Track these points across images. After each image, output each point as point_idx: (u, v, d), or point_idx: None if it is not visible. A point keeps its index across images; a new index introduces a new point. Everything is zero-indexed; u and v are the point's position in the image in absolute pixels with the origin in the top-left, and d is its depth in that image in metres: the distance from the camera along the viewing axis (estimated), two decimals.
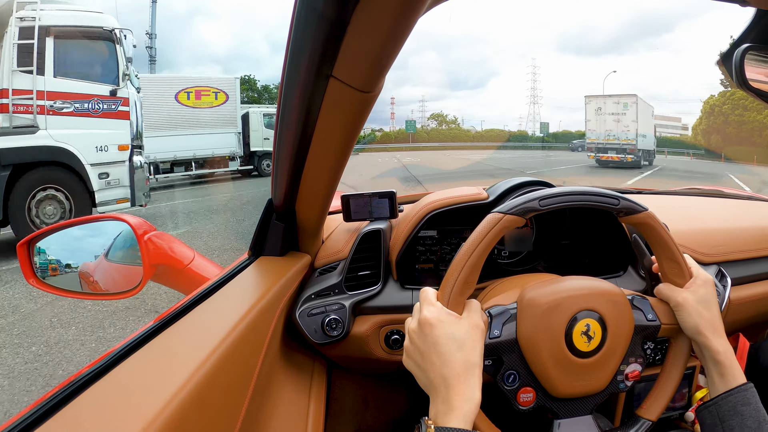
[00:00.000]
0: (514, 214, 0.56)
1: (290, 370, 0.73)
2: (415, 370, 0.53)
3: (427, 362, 0.51)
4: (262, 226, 0.75)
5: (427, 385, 0.52)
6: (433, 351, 0.51)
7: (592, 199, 0.59)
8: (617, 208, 0.59)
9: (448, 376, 0.50)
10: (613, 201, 0.59)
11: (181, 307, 0.54)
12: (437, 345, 0.51)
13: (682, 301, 0.60)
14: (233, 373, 0.47)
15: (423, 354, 0.52)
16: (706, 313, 0.59)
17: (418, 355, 0.52)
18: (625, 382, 0.60)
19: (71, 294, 0.89)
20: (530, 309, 0.56)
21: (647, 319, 0.60)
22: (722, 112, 29.43)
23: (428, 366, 0.51)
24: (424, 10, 0.39)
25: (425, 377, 0.52)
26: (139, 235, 0.84)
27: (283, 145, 0.57)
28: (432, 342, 0.51)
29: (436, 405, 0.50)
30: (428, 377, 0.51)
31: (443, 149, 35.04)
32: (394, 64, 0.43)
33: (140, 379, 0.39)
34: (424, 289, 0.56)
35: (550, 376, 0.55)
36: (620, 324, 0.57)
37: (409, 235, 0.83)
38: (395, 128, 41.23)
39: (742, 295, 0.91)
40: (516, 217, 0.56)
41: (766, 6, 0.47)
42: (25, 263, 0.85)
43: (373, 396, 1.07)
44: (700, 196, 1.34)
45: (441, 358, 0.50)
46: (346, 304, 0.78)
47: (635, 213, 0.60)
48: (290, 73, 0.45)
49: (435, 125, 44.74)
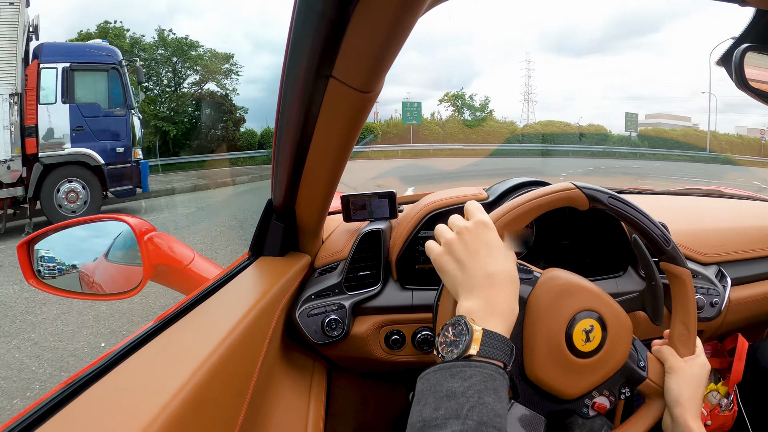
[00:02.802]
0: (585, 194, 0.58)
1: (290, 370, 0.73)
2: (451, 265, 0.51)
3: (473, 259, 0.50)
4: (261, 226, 0.75)
5: (462, 281, 0.50)
6: (484, 250, 0.50)
7: (647, 226, 0.60)
8: (665, 249, 0.60)
9: (495, 275, 0.49)
10: (665, 243, 0.61)
11: (181, 308, 0.54)
12: (490, 246, 0.50)
13: (678, 368, 0.59)
14: (233, 373, 0.47)
15: (471, 251, 0.50)
16: (694, 391, 0.58)
17: (463, 251, 0.50)
18: (589, 408, 0.59)
19: (71, 294, 0.89)
20: (550, 282, 0.57)
21: (638, 365, 0.60)
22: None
23: (473, 263, 0.50)
24: (424, 10, 0.39)
25: (464, 274, 0.50)
26: (138, 236, 0.84)
27: (282, 145, 0.57)
28: (485, 242, 0.51)
29: (471, 302, 0.48)
30: (469, 274, 0.49)
31: (472, 154, 19.72)
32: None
33: (140, 380, 0.39)
34: (474, 201, 0.56)
35: (535, 352, 0.55)
36: (617, 347, 0.57)
37: (409, 236, 0.83)
38: (380, 121, 21.71)
39: (741, 295, 0.92)
40: (582, 195, 0.58)
41: (765, 6, 0.47)
42: (25, 263, 0.85)
43: (373, 396, 1.07)
44: (699, 196, 1.34)
45: (491, 258, 0.50)
46: (346, 304, 0.78)
47: (677, 264, 0.61)
48: (290, 73, 0.45)
49: (451, 113, 24.39)
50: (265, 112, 21.34)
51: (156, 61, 17.82)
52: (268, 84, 29.83)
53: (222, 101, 18.62)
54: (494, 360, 0.44)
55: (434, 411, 0.41)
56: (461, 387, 0.42)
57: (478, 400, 0.41)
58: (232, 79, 19.34)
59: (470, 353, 0.44)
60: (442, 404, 0.41)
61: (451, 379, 0.42)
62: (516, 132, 24.07)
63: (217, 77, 19.00)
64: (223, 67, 19.10)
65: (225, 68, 19.16)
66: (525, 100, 30.02)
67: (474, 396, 0.41)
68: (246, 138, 19.02)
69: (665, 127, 25.81)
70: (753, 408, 0.91)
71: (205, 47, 18.99)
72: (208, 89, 18.96)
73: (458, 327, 0.46)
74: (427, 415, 0.41)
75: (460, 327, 0.46)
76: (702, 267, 0.90)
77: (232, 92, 19.44)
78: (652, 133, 24.59)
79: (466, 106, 24.57)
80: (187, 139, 17.53)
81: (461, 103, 24.51)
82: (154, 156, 16.53)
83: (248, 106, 21.71)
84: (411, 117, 20.56)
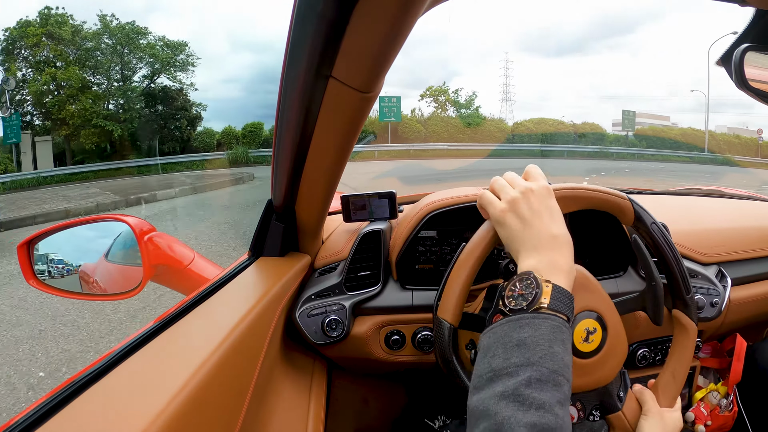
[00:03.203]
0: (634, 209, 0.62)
1: (290, 370, 0.73)
2: (513, 221, 0.53)
3: (537, 219, 0.52)
4: (261, 226, 0.75)
5: (525, 238, 0.52)
6: (547, 213, 0.53)
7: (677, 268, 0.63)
8: (684, 296, 0.62)
9: (558, 237, 0.51)
10: (686, 290, 0.63)
11: (181, 308, 0.54)
12: (551, 210, 0.53)
13: (656, 414, 0.60)
14: (233, 373, 0.47)
15: (535, 211, 0.53)
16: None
17: (528, 211, 0.53)
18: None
19: (71, 295, 0.89)
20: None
21: (617, 394, 0.61)
22: None
23: (537, 223, 0.52)
24: (424, 10, 0.39)
25: (528, 232, 0.52)
26: (138, 236, 0.84)
27: (282, 145, 0.57)
28: (548, 206, 0.53)
29: (535, 260, 0.50)
30: (533, 233, 0.51)
31: (458, 155, 17.76)
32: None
33: (140, 380, 0.39)
34: (536, 166, 0.58)
35: None
36: (613, 356, 0.58)
37: (409, 236, 0.83)
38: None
39: (741, 295, 0.91)
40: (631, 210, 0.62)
41: (765, 6, 0.47)
42: (25, 264, 0.85)
43: (373, 396, 1.07)
44: (699, 196, 1.33)
45: (553, 221, 0.52)
46: (346, 304, 0.78)
47: (688, 316, 0.63)
48: (289, 73, 0.45)
49: (434, 109, 22.32)
50: (244, 113, 20.34)
51: (102, 52, 16.00)
52: (247, 83, 28.69)
53: (176, 96, 16.84)
54: (561, 313, 0.46)
55: (504, 360, 0.42)
56: (531, 336, 0.43)
57: (549, 349, 0.42)
58: (188, 72, 17.34)
59: (539, 306, 0.46)
60: (512, 353, 0.42)
61: (520, 330, 0.44)
62: (506, 130, 22.34)
63: (170, 69, 16.94)
64: (177, 57, 16.94)
65: (180, 59, 17.01)
66: (504, 99, 28.04)
67: (545, 345, 0.43)
68: (203, 138, 17.35)
69: (644, 126, 24.48)
70: (753, 408, 0.91)
71: (155, 34, 16.76)
72: (161, 84, 17.05)
73: (526, 281, 0.48)
74: (497, 364, 0.42)
75: (529, 281, 0.47)
76: (702, 267, 0.90)
77: (190, 87, 17.44)
78: (649, 132, 23.58)
79: (450, 102, 22.72)
80: (136, 140, 15.75)
81: (445, 99, 22.68)
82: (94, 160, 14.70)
83: (225, 107, 19.95)
84: (389, 114, 18.47)
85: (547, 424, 0.38)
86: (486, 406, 0.40)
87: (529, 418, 0.38)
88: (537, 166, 0.58)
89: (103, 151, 15.63)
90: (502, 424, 0.38)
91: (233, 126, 18.46)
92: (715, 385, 0.94)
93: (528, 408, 0.38)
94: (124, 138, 15.52)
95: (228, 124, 18.47)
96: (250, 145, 17.48)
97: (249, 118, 20.36)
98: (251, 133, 18.04)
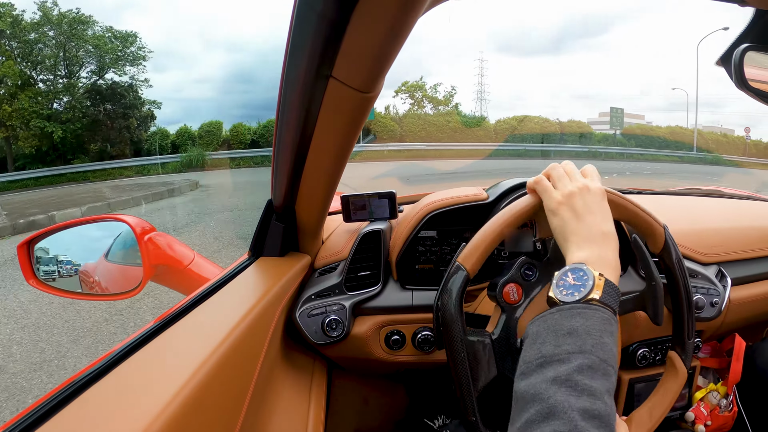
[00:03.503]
0: (666, 238, 0.63)
1: (290, 370, 0.73)
2: (568, 214, 0.55)
3: (590, 215, 0.54)
4: (261, 226, 0.75)
5: (577, 231, 0.54)
6: (600, 212, 0.55)
7: (686, 310, 0.64)
8: (685, 340, 0.65)
9: (608, 234, 0.54)
10: (688, 334, 0.64)
11: (181, 308, 0.54)
12: (603, 210, 0.56)
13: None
14: (233, 373, 0.47)
15: (589, 208, 0.55)
16: None
17: (583, 207, 0.55)
18: None
19: (71, 295, 0.89)
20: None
21: None
22: None
23: (591, 219, 0.54)
24: (424, 10, 0.39)
25: (581, 225, 0.54)
26: (138, 236, 0.84)
27: (282, 146, 0.57)
28: (601, 205, 0.56)
29: (586, 253, 0.52)
30: (586, 227, 0.54)
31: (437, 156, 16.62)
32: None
33: (140, 380, 0.39)
34: (593, 166, 0.61)
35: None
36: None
37: (409, 236, 0.83)
38: None
39: (741, 295, 0.91)
40: (662, 238, 0.63)
41: (765, 6, 0.47)
42: (26, 264, 0.85)
43: (373, 396, 1.07)
44: (699, 196, 1.33)
45: (603, 219, 0.55)
46: (346, 304, 0.78)
47: (683, 360, 0.64)
48: (289, 73, 0.45)
49: (410, 106, 20.70)
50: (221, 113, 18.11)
51: (45, 45, 14.40)
52: (219, 83, 27.43)
53: (125, 93, 15.15)
54: (610, 307, 0.47)
55: (555, 347, 0.43)
56: (583, 326, 0.44)
57: (599, 339, 0.43)
58: (139, 67, 15.65)
59: (591, 297, 0.47)
60: (564, 341, 0.43)
61: (572, 319, 0.45)
62: (490, 129, 20.55)
63: (119, 63, 15.29)
64: (128, 50, 15.25)
65: (130, 52, 15.30)
66: (478, 99, 27.30)
67: (596, 335, 0.44)
68: (155, 140, 15.64)
69: (630, 125, 23.38)
70: (752, 408, 0.91)
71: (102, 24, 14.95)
72: (110, 80, 15.35)
73: (579, 272, 0.49)
74: (548, 351, 0.43)
75: (582, 272, 0.49)
76: (702, 267, 0.90)
77: (143, 83, 15.77)
78: (637, 131, 22.90)
79: (428, 98, 20.80)
80: (81, 142, 14.11)
81: (422, 95, 20.79)
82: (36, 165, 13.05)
83: (198, 106, 18.02)
84: None
85: (598, 411, 0.39)
86: (537, 390, 0.41)
87: (582, 404, 0.39)
88: (594, 167, 0.60)
89: (45, 155, 13.97)
90: (555, 407, 0.39)
91: (189, 126, 16.68)
92: (715, 385, 0.94)
93: (580, 394, 0.39)
94: (67, 140, 13.97)
95: (184, 124, 16.47)
96: (207, 146, 15.89)
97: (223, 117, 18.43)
98: (209, 134, 16.28)
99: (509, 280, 0.63)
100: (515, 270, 0.64)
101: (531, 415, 0.39)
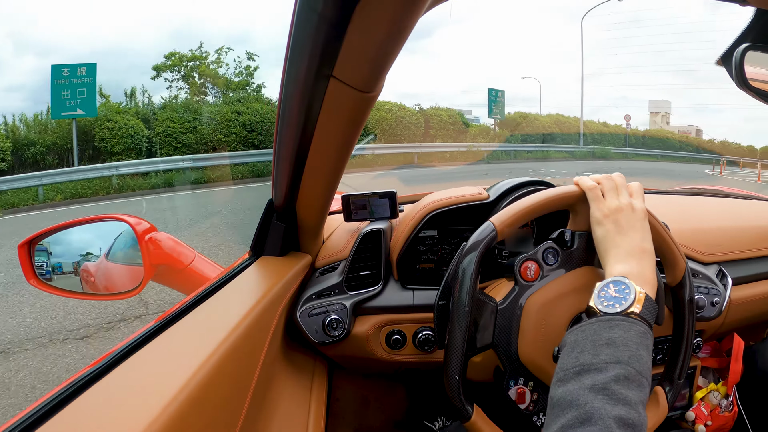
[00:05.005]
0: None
1: (291, 370, 0.73)
2: (612, 227, 0.58)
3: (634, 231, 0.57)
4: (262, 226, 0.75)
5: (619, 244, 0.56)
6: (640, 229, 0.57)
7: (683, 348, 0.65)
8: (675, 380, 0.65)
9: (647, 251, 0.56)
10: (679, 375, 0.65)
11: (182, 308, 0.54)
12: (644, 230, 0.58)
13: None
14: (234, 373, 0.47)
15: (633, 225, 0.57)
16: None
17: (626, 223, 0.57)
18: (512, 388, 0.66)
19: (72, 294, 0.89)
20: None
21: None
22: None
23: (633, 235, 0.57)
24: (424, 10, 0.39)
25: (623, 240, 0.56)
26: (139, 235, 0.84)
27: (283, 145, 0.57)
28: (643, 224, 0.58)
29: (626, 267, 0.54)
30: (628, 242, 0.56)
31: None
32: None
33: (140, 380, 0.39)
34: (640, 184, 0.63)
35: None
36: None
37: (410, 235, 0.83)
38: None
39: (742, 295, 0.91)
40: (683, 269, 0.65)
41: (765, 6, 0.47)
42: (26, 264, 0.85)
43: (374, 396, 1.07)
44: (700, 196, 1.33)
45: (644, 237, 0.57)
46: (347, 304, 0.78)
47: (666, 398, 0.64)
48: (290, 73, 0.45)
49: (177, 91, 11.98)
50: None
51: None
52: (31, 92, 21.91)
53: None
54: (648, 322, 0.49)
55: (593, 357, 0.44)
56: (621, 337, 0.46)
57: (636, 351, 0.45)
58: None
59: (631, 311, 0.48)
60: (602, 351, 0.45)
61: (610, 330, 0.47)
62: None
63: None
64: None
65: None
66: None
67: (633, 347, 0.45)
68: None
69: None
70: (753, 408, 0.91)
71: None
72: None
73: (621, 285, 0.51)
74: (586, 360, 0.44)
75: (623, 285, 0.50)
76: (703, 266, 0.90)
77: None
78: (519, 120, 18.20)
79: (204, 74, 12.37)
80: None
81: (200, 72, 12.46)
82: None
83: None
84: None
85: (633, 420, 0.40)
86: (574, 397, 0.42)
87: (617, 412, 0.40)
88: (641, 185, 0.63)
89: None
90: (592, 414, 0.40)
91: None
92: (716, 385, 0.94)
93: (616, 402, 0.40)
94: None
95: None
96: None
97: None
98: None
99: (530, 258, 0.65)
100: (539, 250, 0.65)
101: (567, 421, 0.40)
